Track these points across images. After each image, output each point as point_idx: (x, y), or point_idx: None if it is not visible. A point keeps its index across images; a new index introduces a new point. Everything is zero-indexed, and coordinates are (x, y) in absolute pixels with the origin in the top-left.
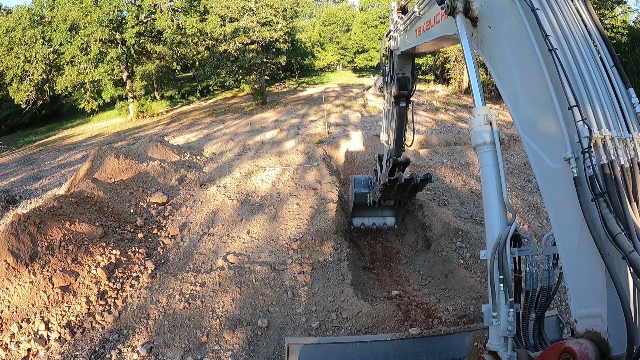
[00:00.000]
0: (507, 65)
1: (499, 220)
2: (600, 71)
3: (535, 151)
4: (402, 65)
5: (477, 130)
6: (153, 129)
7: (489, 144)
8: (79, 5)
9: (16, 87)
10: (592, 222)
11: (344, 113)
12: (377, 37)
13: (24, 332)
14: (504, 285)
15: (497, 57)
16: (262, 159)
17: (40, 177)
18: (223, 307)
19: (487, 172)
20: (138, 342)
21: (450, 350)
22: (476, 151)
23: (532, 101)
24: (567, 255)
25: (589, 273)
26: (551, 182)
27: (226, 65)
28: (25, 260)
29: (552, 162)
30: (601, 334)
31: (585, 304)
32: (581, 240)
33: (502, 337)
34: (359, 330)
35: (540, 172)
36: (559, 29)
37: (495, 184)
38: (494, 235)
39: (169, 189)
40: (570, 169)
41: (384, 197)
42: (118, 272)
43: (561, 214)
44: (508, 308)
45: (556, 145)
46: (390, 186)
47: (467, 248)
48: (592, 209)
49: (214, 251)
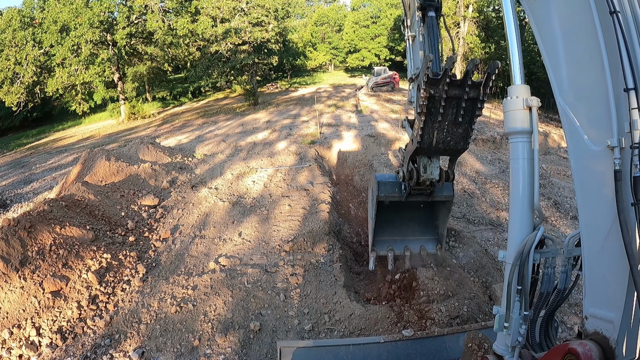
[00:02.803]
0: (550, 15)
1: (525, 224)
2: None
3: (573, 124)
4: None
5: (512, 114)
6: (144, 130)
7: (526, 134)
8: (69, 7)
9: (7, 90)
10: (626, 226)
11: (336, 113)
12: (368, 37)
13: (15, 338)
14: (520, 297)
15: (542, 5)
16: (254, 160)
17: (32, 180)
18: (215, 311)
19: (519, 167)
20: (130, 347)
21: (444, 351)
22: (509, 139)
23: (579, 68)
24: (589, 249)
25: (609, 274)
26: (587, 165)
27: (218, 66)
28: (15, 265)
29: (592, 143)
30: (609, 341)
31: (600, 304)
32: (608, 238)
33: (510, 346)
34: (352, 332)
35: (575, 151)
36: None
37: (527, 181)
38: (517, 238)
39: (160, 191)
40: (612, 158)
41: (423, 141)
42: (109, 276)
43: (591, 205)
44: (521, 320)
45: (601, 125)
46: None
47: (460, 248)
48: (629, 211)
49: (205, 254)
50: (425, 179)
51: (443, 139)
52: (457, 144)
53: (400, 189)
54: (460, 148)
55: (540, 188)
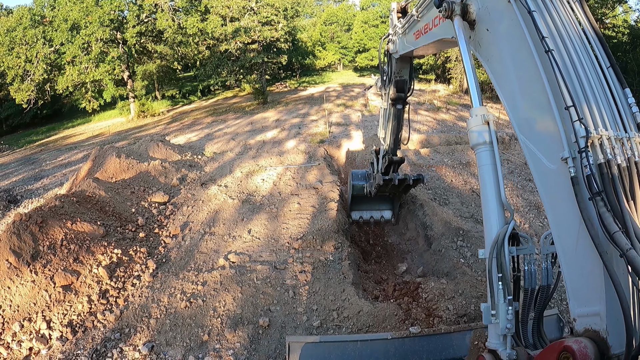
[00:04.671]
0: (505, 66)
1: (497, 219)
2: (596, 72)
3: (532, 151)
4: (401, 68)
5: (475, 130)
6: (154, 128)
7: (487, 144)
8: (79, 5)
9: (17, 87)
10: (590, 221)
11: (345, 112)
12: (377, 37)
13: (25, 331)
14: (502, 284)
15: (495, 58)
16: (263, 158)
17: (42, 176)
18: (224, 306)
19: (484, 172)
20: (139, 341)
21: (451, 348)
22: (474, 151)
23: (529, 101)
24: (565, 254)
25: (587, 272)
26: (549, 182)
27: (227, 65)
28: (27, 260)
29: (549, 162)
30: (600, 333)
31: (584, 302)
32: (579, 239)
33: (501, 335)
34: (360, 329)
35: (537, 173)
36: (556, 30)
37: (493, 183)
38: (492, 234)
39: (170, 188)
40: (567, 168)
41: (379, 191)
42: (119, 271)
43: (559, 214)
44: (507, 306)
45: (553, 145)
46: (385, 185)
47: (468, 247)
48: (589, 208)
49: (215, 250)
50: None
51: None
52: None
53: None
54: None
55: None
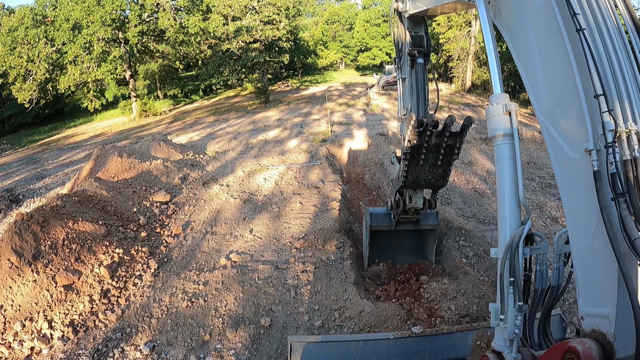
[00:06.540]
0: (527, 41)
1: (513, 219)
2: (630, 60)
3: (553, 137)
4: (414, 25)
5: (494, 119)
6: (156, 127)
7: (507, 136)
8: (81, 5)
9: (19, 87)
10: (610, 222)
11: (347, 112)
12: (380, 36)
13: (27, 331)
14: (513, 288)
15: (517, 30)
16: (265, 157)
17: (44, 176)
18: (226, 306)
19: (503, 167)
20: (141, 341)
21: (453, 348)
22: (493, 143)
23: (554, 84)
24: (579, 251)
25: (601, 272)
26: (569, 172)
27: (229, 64)
28: (28, 259)
29: (571, 150)
30: (607, 336)
31: (594, 302)
32: (595, 237)
33: (508, 339)
34: (362, 329)
35: (557, 160)
36: (589, 8)
37: (510, 180)
38: (506, 234)
39: (172, 187)
40: (590, 161)
41: (407, 180)
42: (121, 270)
43: (576, 207)
44: (516, 312)
45: (577, 134)
46: (417, 148)
47: (470, 247)
48: (610, 207)
49: (217, 250)
50: (410, 207)
51: (424, 177)
52: (437, 181)
53: (390, 219)
54: (439, 184)
55: None
